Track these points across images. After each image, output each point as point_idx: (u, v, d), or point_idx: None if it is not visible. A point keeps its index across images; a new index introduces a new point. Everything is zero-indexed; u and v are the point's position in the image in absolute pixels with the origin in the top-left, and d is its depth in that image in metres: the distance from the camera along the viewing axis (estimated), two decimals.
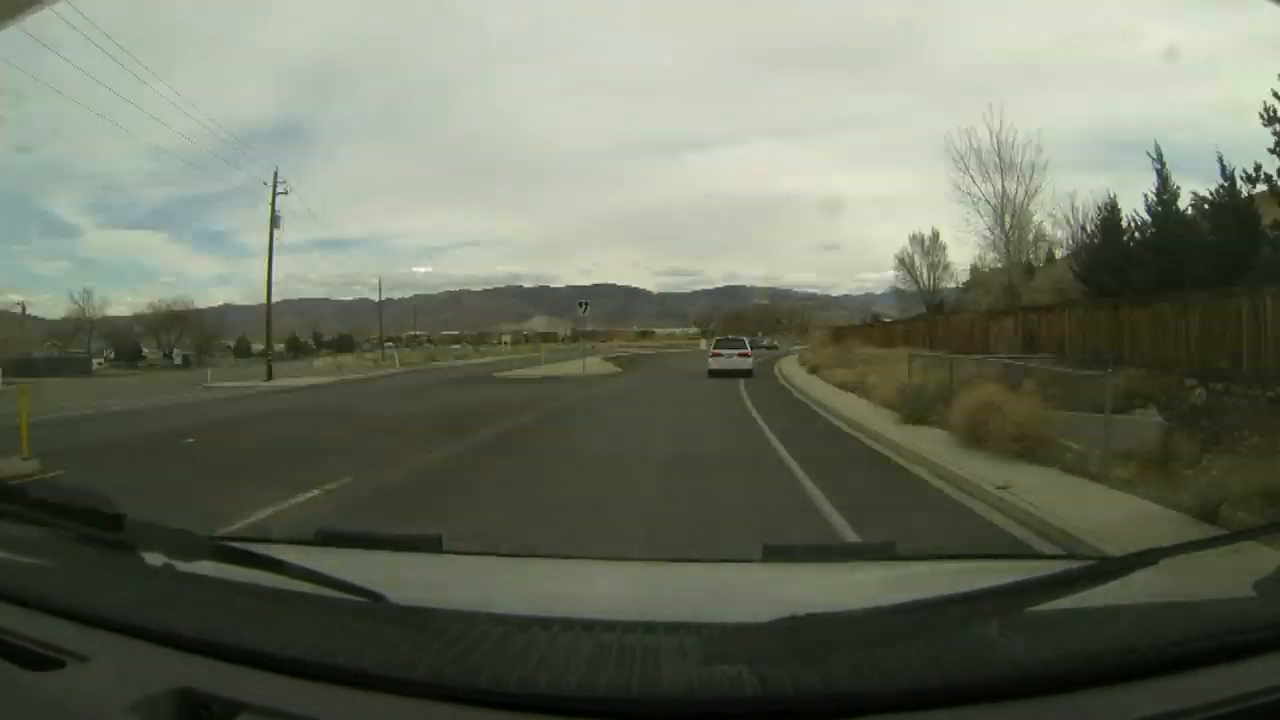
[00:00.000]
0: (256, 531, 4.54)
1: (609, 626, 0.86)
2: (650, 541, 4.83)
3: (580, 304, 46.06)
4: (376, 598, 0.94)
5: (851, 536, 4.90)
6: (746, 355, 24.62)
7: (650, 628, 0.87)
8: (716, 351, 25.16)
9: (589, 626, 0.86)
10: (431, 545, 1.50)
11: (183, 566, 1.03)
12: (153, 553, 1.05)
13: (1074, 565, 0.98)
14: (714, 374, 22.96)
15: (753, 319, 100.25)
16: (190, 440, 11.26)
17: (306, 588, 0.95)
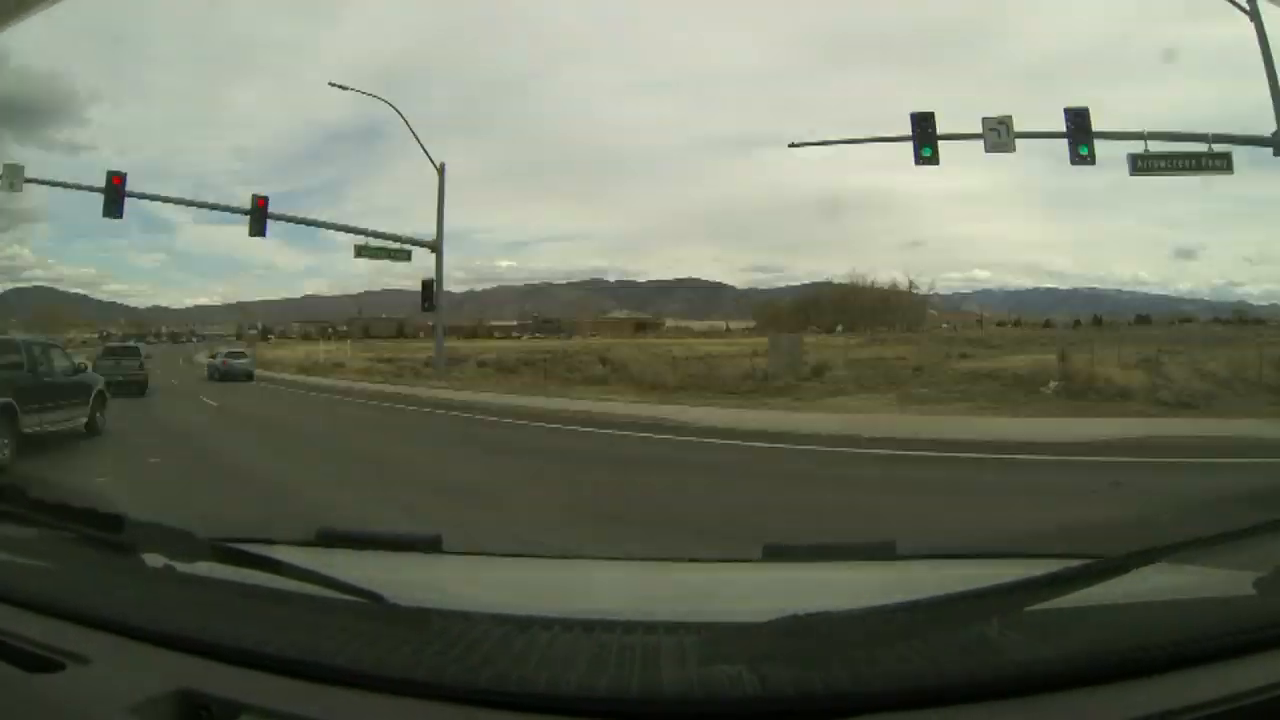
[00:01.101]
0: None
1: (609, 626, 0.86)
2: None
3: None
4: (376, 598, 0.94)
5: None
6: None
7: (650, 628, 0.87)
8: None
9: (589, 626, 0.86)
10: (431, 545, 1.50)
11: (183, 567, 1.02)
12: (153, 554, 1.05)
13: (1074, 565, 0.98)
14: None
15: (832, 306, 71.44)
16: None
17: (306, 588, 0.95)
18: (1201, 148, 15.10)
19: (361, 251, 21.74)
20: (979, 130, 15.47)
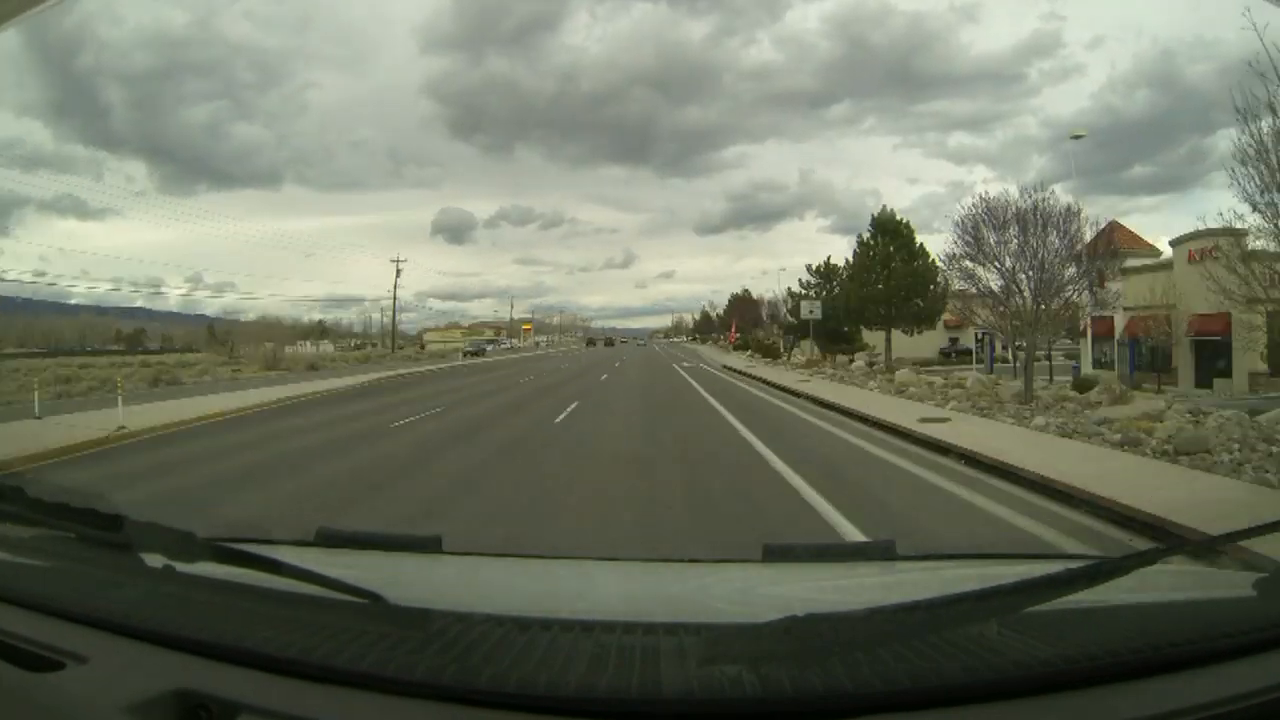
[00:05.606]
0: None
1: (609, 627, 0.86)
2: None
3: None
4: (376, 598, 0.94)
5: None
6: None
7: (650, 628, 0.87)
8: None
9: (589, 627, 0.86)
10: (431, 546, 1.50)
11: (182, 567, 1.02)
12: (152, 554, 1.05)
13: (1074, 565, 0.98)
14: None
15: None
16: None
17: (306, 589, 0.95)
18: None
19: None
20: None
